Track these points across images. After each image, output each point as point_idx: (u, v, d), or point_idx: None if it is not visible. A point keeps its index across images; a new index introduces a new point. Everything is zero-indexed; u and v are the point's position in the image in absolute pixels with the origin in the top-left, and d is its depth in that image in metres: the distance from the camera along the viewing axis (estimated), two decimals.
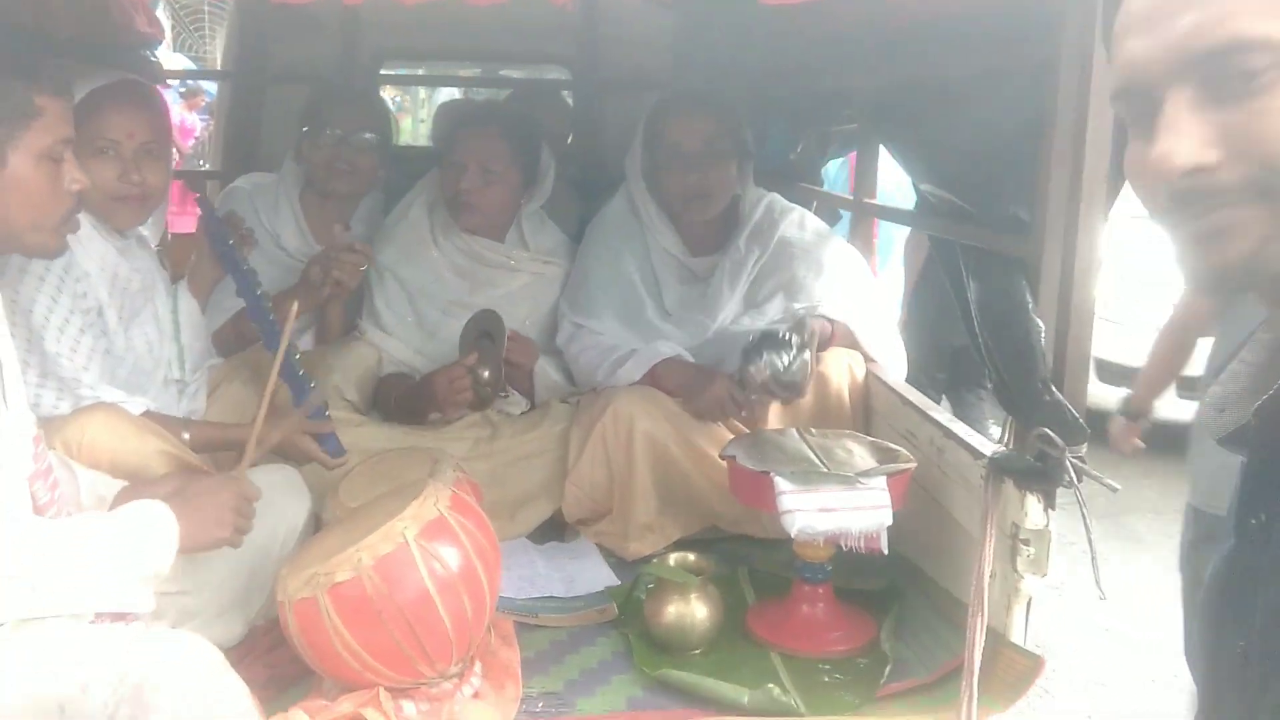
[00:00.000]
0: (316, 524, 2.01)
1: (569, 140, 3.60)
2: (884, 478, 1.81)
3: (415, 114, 9.01)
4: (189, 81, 7.40)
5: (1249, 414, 0.86)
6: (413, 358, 2.56)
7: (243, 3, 3.59)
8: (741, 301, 2.55)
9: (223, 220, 2.37)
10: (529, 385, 2.51)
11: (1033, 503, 1.65)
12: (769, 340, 2.20)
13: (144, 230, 2.24)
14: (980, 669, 1.59)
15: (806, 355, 2.20)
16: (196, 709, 1.39)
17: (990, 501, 1.67)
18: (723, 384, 2.26)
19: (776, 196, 2.61)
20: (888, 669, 1.77)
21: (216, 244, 2.32)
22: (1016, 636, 1.69)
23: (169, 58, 6.74)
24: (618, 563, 2.26)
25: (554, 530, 2.39)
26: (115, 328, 2.09)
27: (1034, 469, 1.64)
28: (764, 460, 1.91)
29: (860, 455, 1.96)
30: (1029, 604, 1.68)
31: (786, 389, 2.19)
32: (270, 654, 1.79)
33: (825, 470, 1.85)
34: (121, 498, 1.66)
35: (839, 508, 1.77)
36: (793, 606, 1.96)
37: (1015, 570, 1.67)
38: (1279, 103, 0.76)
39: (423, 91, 7.72)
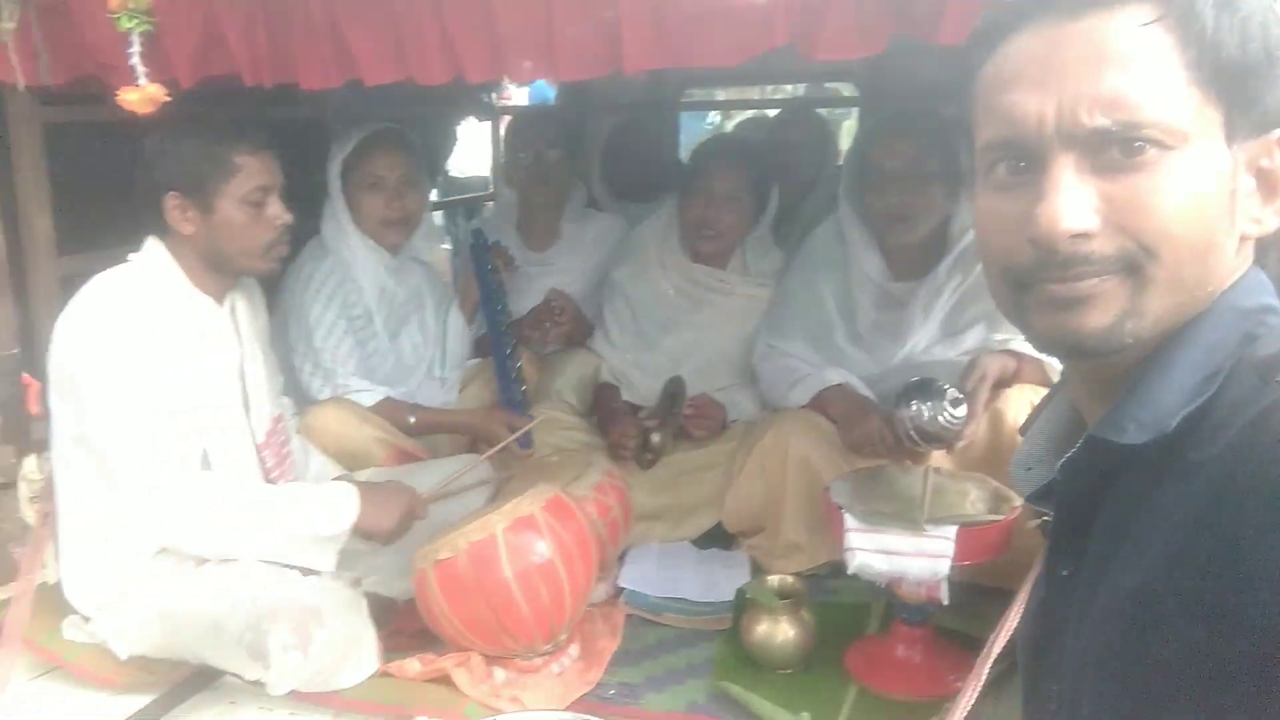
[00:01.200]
0: None
1: (836, 159, 3.63)
2: (955, 528, 1.76)
3: None
4: None
5: (1053, 471, 0.89)
6: (629, 369, 2.84)
7: None
8: (938, 329, 2.49)
9: (488, 247, 2.83)
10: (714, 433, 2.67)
11: None
12: (924, 389, 2.18)
13: (417, 252, 2.77)
14: None
15: (960, 411, 2.14)
16: (337, 641, 1.83)
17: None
18: (875, 422, 2.27)
19: None
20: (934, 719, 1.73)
21: (479, 269, 2.80)
22: None
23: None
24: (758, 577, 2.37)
25: (724, 539, 2.55)
26: (381, 330, 2.64)
27: None
28: (862, 496, 1.93)
29: (971, 500, 1.90)
30: None
31: (929, 440, 2.16)
32: None
33: (916, 512, 1.82)
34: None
35: (901, 551, 1.76)
36: (888, 645, 1.96)
37: None
38: (1160, 181, 0.79)
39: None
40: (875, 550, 1.78)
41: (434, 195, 4.05)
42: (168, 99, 1.94)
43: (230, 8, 1.93)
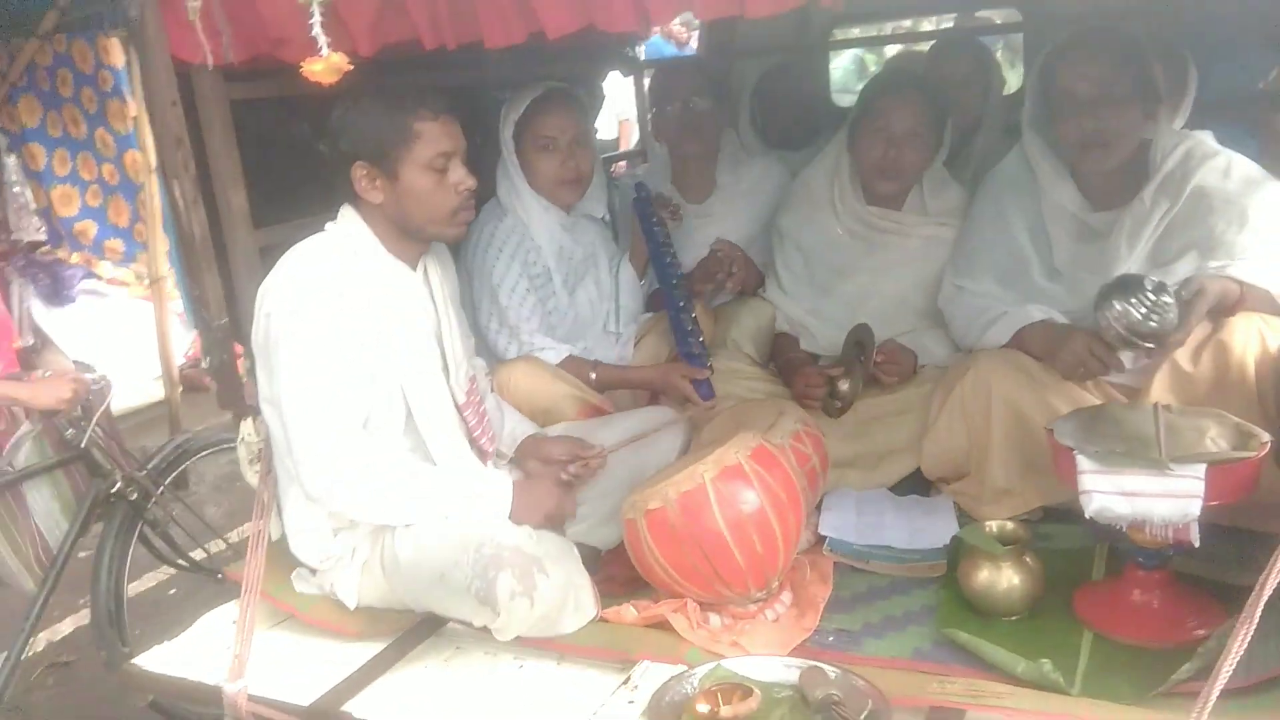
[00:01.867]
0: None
1: (1002, 88, 3.44)
2: (1203, 466, 1.65)
3: None
4: None
5: None
6: (804, 316, 2.77)
7: None
8: (1146, 260, 2.32)
9: (653, 200, 2.80)
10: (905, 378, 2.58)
11: None
12: (1123, 285, 2.04)
13: (590, 209, 2.76)
14: None
15: (1170, 300, 1.99)
16: (559, 588, 1.85)
17: None
18: (1081, 340, 2.14)
19: (1201, 140, 2.31)
20: (1187, 665, 1.63)
21: (643, 223, 2.77)
22: None
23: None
24: (972, 522, 2.28)
25: (920, 485, 2.47)
26: (560, 289, 2.65)
27: None
28: (1090, 436, 1.82)
29: (1213, 438, 1.77)
30: None
31: (1143, 339, 2.01)
32: None
33: (1152, 451, 1.71)
34: (524, 446, 2.24)
35: (1143, 492, 1.66)
36: (1122, 590, 1.86)
37: None
38: None
39: None
40: (1115, 492, 1.68)
41: None
42: (350, 67, 1.96)
43: None
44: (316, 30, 1.93)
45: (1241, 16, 2.77)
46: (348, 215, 2.00)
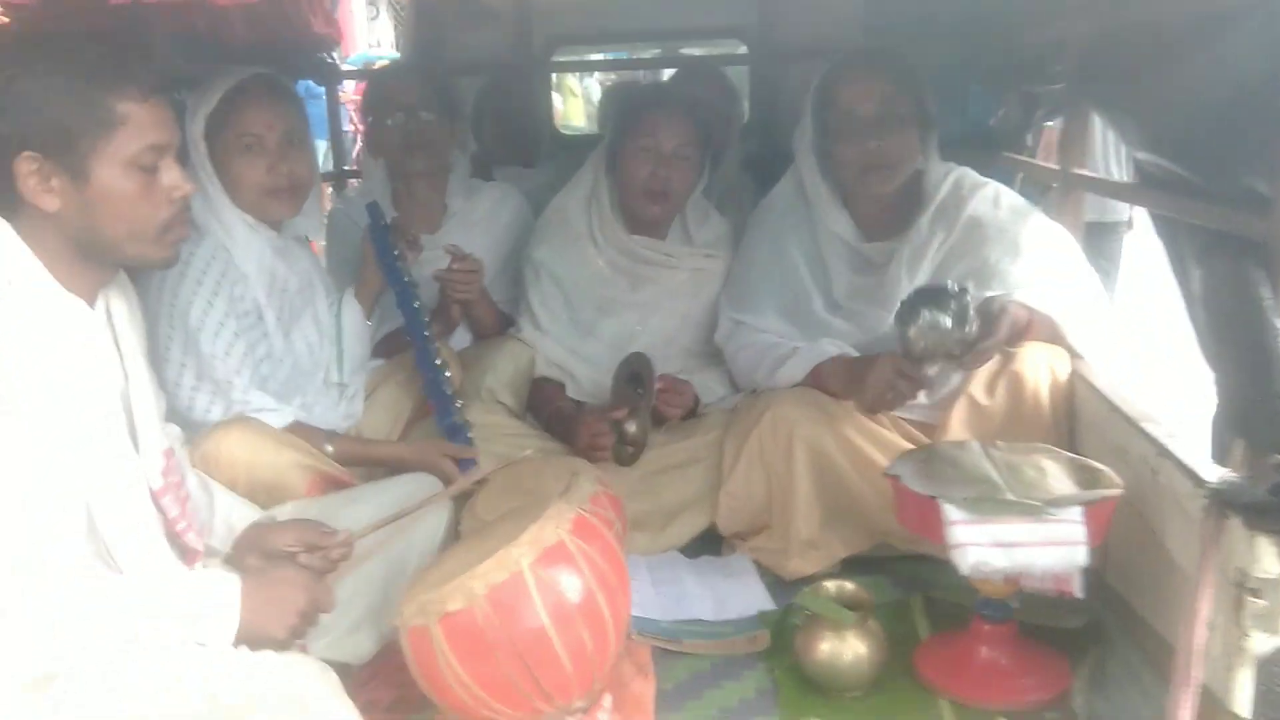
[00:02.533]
0: (455, 535, 1.95)
1: (741, 119, 3.39)
2: (1080, 508, 1.52)
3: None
4: None
5: None
6: (566, 358, 2.46)
7: (420, 1, 3.61)
8: None
9: (388, 227, 2.34)
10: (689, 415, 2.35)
11: (1265, 546, 1.32)
12: (927, 295, 1.95)
13: (302, 229, 2.25)
14: None
15: (970, 305, 1.92)
16: None
17: (1209, 540, 1.35)
18: (886, 363, 2.01)
19: (966, 171, 2.30)
20: None
21: (381, 254, 2.30)
22: (1239, 706, 1.37)
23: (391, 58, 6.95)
24: (775, 581, 2.08)
25: (709, 544, 2.22)
26: (274, 329, 2.11)
27: (1269, 505, 1.32)
28: (934, 481, 1.66)
29: (1055, 476, 1.66)
30: (1257, 667, 1.36)
31: (955, 348, 1.92)
32: (400, 673, 1.71)
33: (1007, 497, 1.57)
34: (244, 539, 1.66)
35: (1022, 542, 1.51)
36: (970, 647, 1.71)
37: (1240, 625, 1.36)
38: None
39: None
40: (991, 544, 1.51)
41: None
42: (4, 20, 1.38)
43: None
44: None
45: (967, 58, 2.86)
46: None
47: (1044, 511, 1.52)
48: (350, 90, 4.82)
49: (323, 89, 3.63)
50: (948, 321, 1.90)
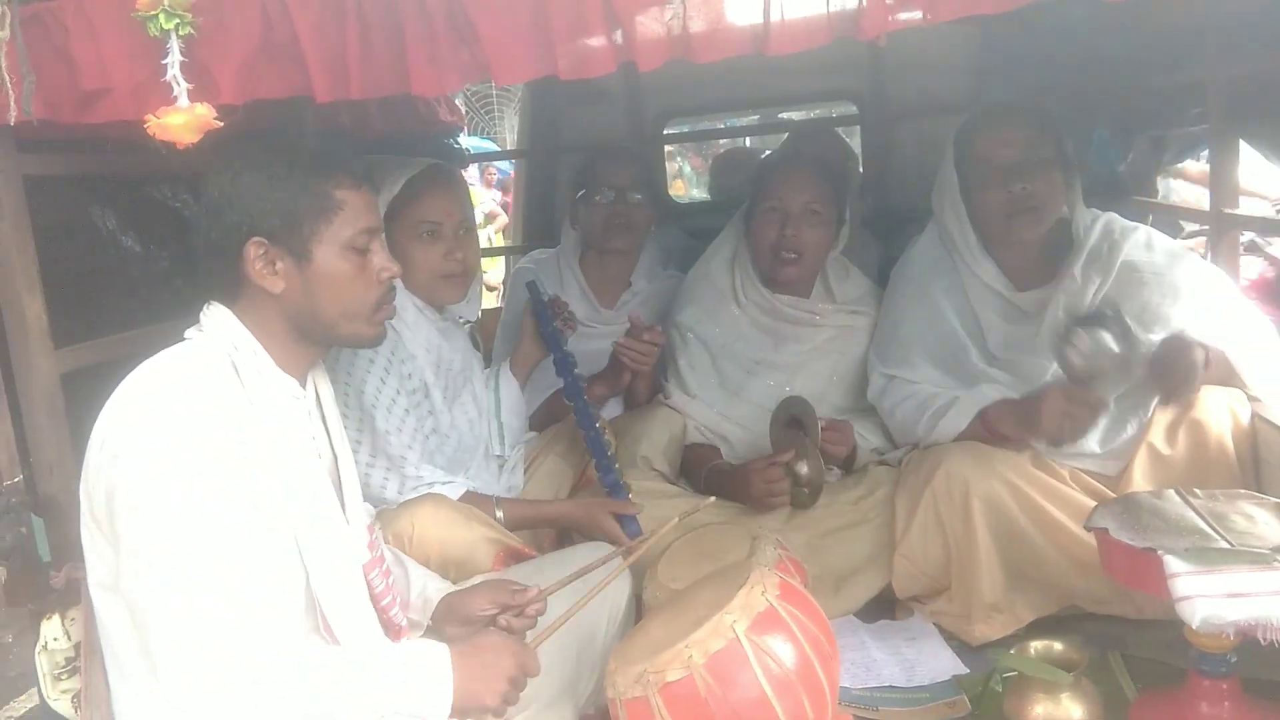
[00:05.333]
0: (637, 604, 1.95)
1: (858, 178, 3.41)
2: None
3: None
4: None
5: None
6: (718, 422, 2.47)
7: (533, 85, 3.74)
8: None
9: (548, 303, 2.40)
10: (849, 461, 2.34)
11: None
12: (1086, 320, 1.92)
13: (461, 312, 2.31)
14: None
15: (1131, 324, 1.91)
16: None
17: None
18: (1055, 392, 1.97)
19: (1114, 216, 2.26)
20: None
21: (543, 325, 2.36)
22: None
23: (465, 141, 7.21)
24: (960, 647, 2.02)
25: (884, 608, 2.18)
26: (441, 407, 2.17)
27: None
28: (1145, 532, 1.61)
29: (1266, 522, 1.61)
30: None
31: (1123, 366, 1.89)
32: None
33: (1230, 545, 1.52)
34: (440, 610, 1.69)
35: (1254, 592, 1.45)
36: (1188, 704, 1.64)
37: None
38: None
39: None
40: (1222, 595, 1.45)
41: None
42: (219, 124, 1.47)
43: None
44: (175, 72, 1.45)
45: (1089, 103, 2.85)
46: (220, 316, 1.46)
47: (1273, 559, 1.47)
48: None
49: None
50: (1108, 339, 1.88)
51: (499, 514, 2.08)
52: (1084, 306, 2.19)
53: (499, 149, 7.13)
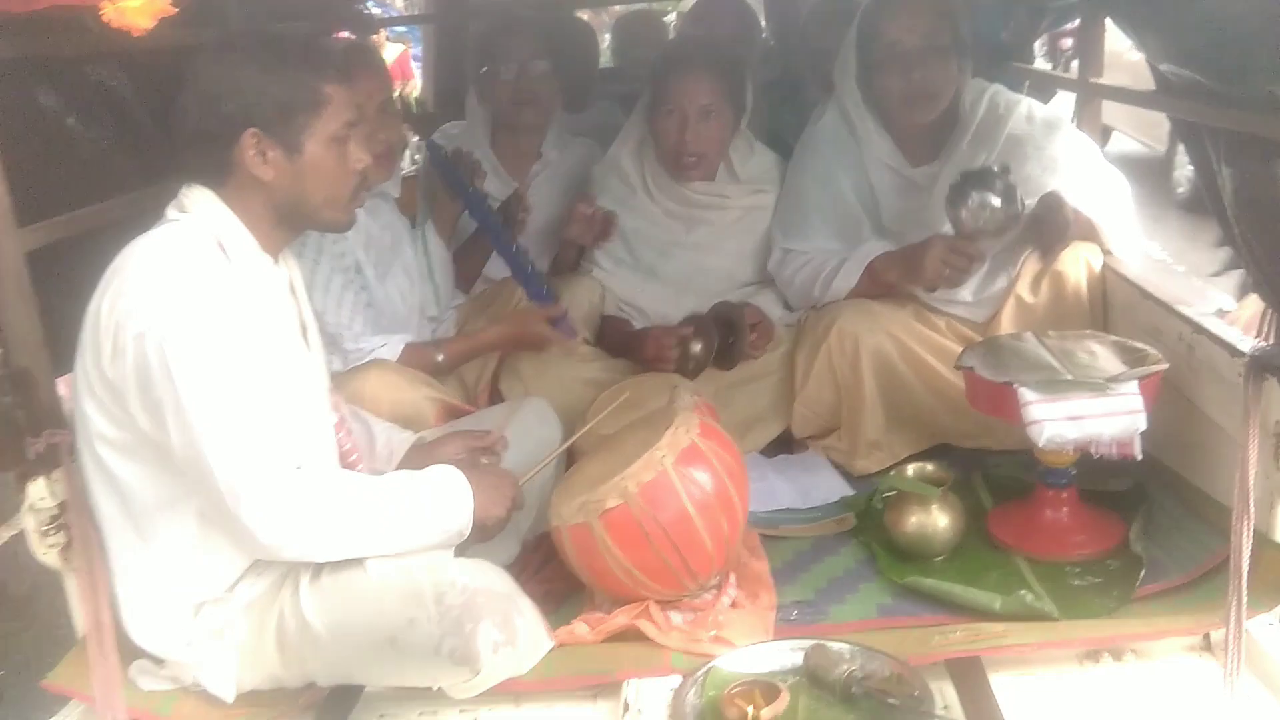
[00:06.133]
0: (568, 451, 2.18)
1: (761, 46, 3.53)
2: (1135, 381, 1.77)
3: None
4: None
5: None
6: (635, 295, 2.65)
7: None
8: None
9: (450, 156, 2.51)
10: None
11: None
12: (974, 178, 2.15)
13: (385, 187, 2.42)
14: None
15: (1014, 183, 2.14)
16: (533, 625, 1.62)
17: (1252, 399, 1.61)
18: (938, 241, 2.21)
19: (999, 88, 2.46)
20: (1142, 571, 1.76)
21: (450, 182, 2.48)
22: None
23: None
24: (847, 476, 2.32)
25: (783, 446, 2.46)
26: (374, 281, 2.31)
27: None
28: (1004, 369, 1.89)
29: (1105, 357, 1.91)
30: None
31: (1009, 223, 2.14)
32: (543, 570, 1.98)
33: (1070, 377, 1.82)
34: (412, 457, 1.88)
35: (1089, 415, 1.75)
36: (1036, 511, 1.96)
37: (1278, 469, 1.62)
38: None
39: None
40: (1063, 418, 1.75)
41: None
42: (173, 10, 1.54)
43: None
44: None
45: None
46: (205, 200, 1.58)
47: (1106, 387, 1.77)
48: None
49: None
50: (996, 200, 2.11)
51: (440, 357, 2.27)
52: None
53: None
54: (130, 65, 2.02)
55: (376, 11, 4.70)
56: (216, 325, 1.47)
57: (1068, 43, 5.91)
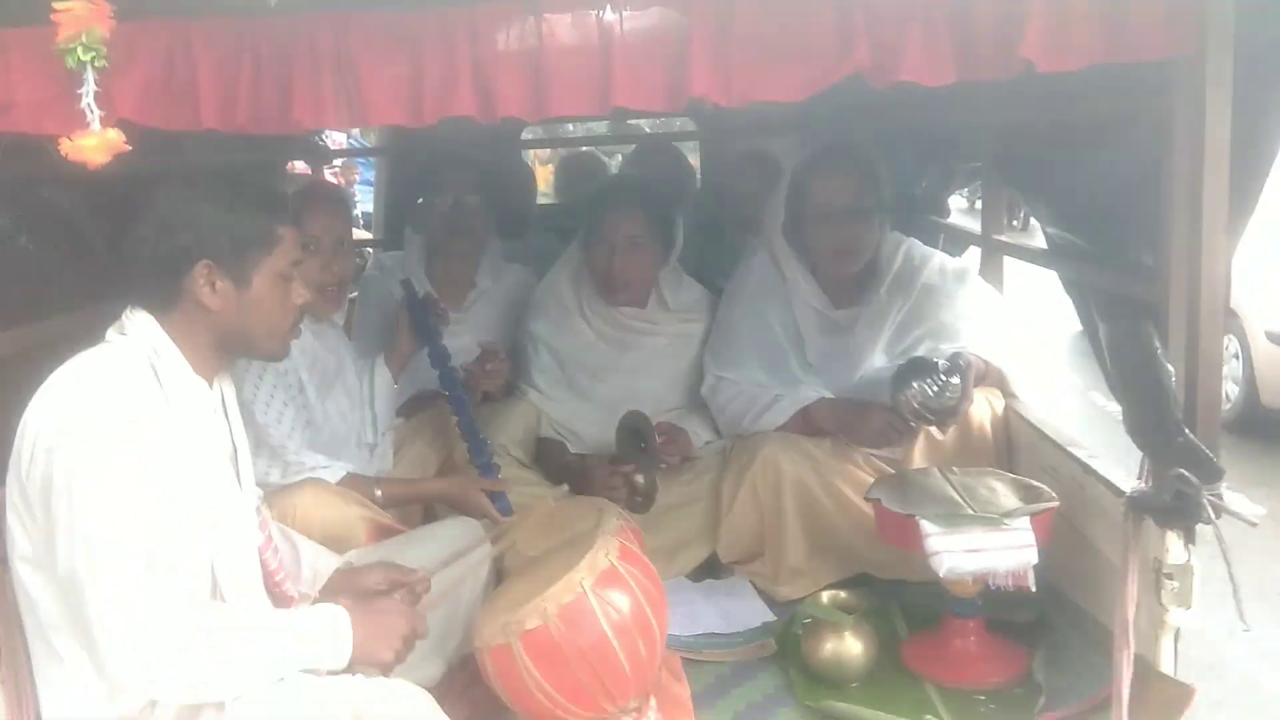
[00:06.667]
0: (497, 571, 2.23)
1: (696, 187, 3.76)
2: (1028, 518, 1.90)
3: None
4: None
5: None
6: (569, 418, 2.75)
7: None
8: (886, 349, 2.63)
9: (422, 301, 2.61)
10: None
11: (1173, 539, 1.70)
12: (918, 367, 2.32)
13: (338, 316, 2.52)
14: (1132, 698, 1.66)
15: (957, 380, 2.29)
16: None
17: (1131, 538, 1.73)
18: (879, 414, 2.38)
19: (914, 242, 2.69)
20: (1041, 700, 1.85)
21: (420, 327, 2.56)
22: (1165, 667, 1.75)
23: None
24: (769, 602, 2.39)
25: (710, 571, 2.54)
26: (315, 401, 2.38)
27: (1172, 507, 1.70)
28: (909, 503, 2.02)
29: (1003, 494, 2.04)
30: (1176, 635, 1.74)
31: (935, 414, 2.29)
32: (468, 691, 1.99)
33: (970, 512, 1.94)
34: (336, 581, 1.92)
35: (985, 548, 1.87)
36: (946, 639, 2.06)
37: (1160, 603, 1.74)
38: None
39: None
40: (961, 550, 1.87)
41: None
42: (128, 147, 1.66)
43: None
44: (89, 100, 1.63)
45: (893, 135, 3.27)
46: (143, 322, 1.65)
47: (1000, 522, 1.89)
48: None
49: None
50: (932, 391, 2.28)
51: (378, 493, 2.32)
52: (887, 324, 2.61)
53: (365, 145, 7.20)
54: (83, 188, 2.11)
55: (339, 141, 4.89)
56: (123, 450, 1.51)
57: None
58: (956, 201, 4.19)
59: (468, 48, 1.67)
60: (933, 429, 2.39)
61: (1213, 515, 1.64)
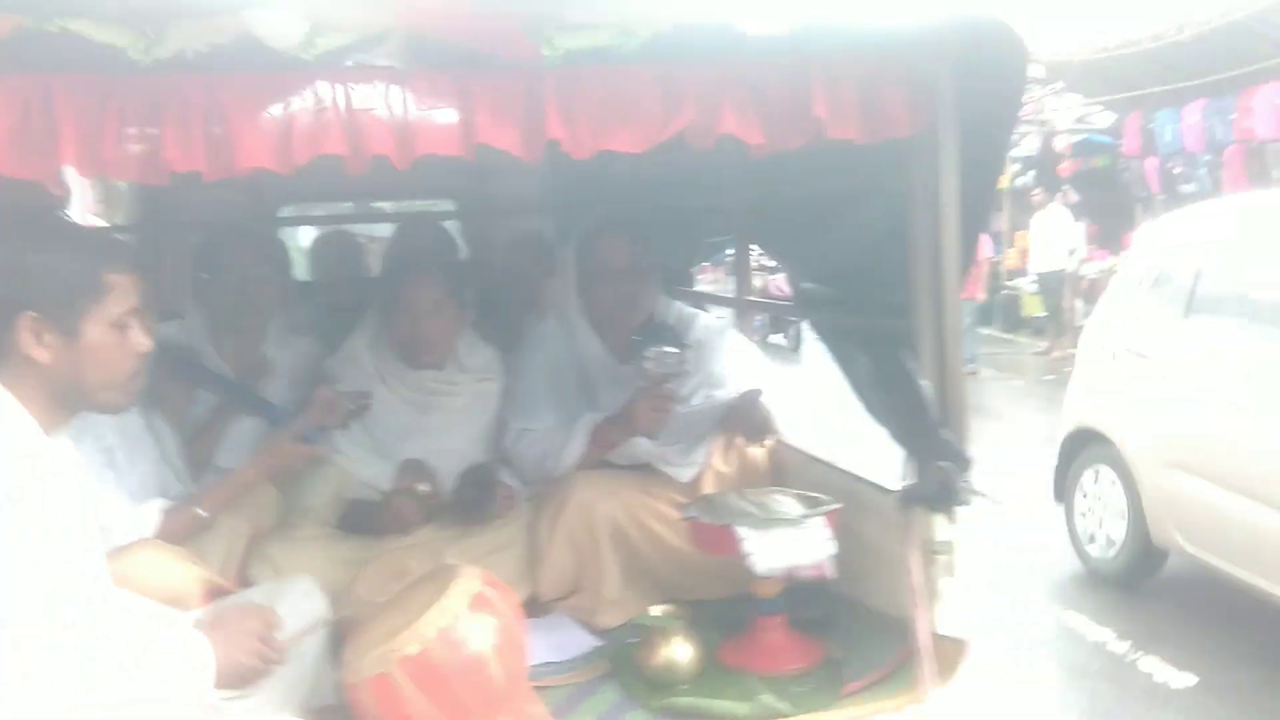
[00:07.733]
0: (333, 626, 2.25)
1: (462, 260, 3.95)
2: (822, 517, 2.26)
3: None
4: None
5: None
6: (377, 479, 2.81)
7: None
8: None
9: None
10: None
11: (940, 520, 2.12)
12: (650, 334, 2.67)
13: None
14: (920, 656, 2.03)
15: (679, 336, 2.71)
16: None
17: (909, 524, 2.13)
18: (639, 395, 2.65)
19: (682, 304, 3.08)
20: (844, 673, 2.18)
21: (207, 381, 2.64)
22: (940, 627, 2.15)
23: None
24: (590, 631, 2.58)
25: (529, 609, 2.67)
26: (124, 465, 2.31)
27: (937, 494, 2.12)
28: (721, 516, 2.31)
29: (790, 504, 2.39)
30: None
31: (681, 364, 2.64)
32: None
33: (774, 518, 2.26)
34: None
35: (792, 545, 2.19)
36: (756, 636, 2.35)
37: (933, 574, 2.14)
38: None
39: None
40: (773, 549, 2.18)
41: None
42: None
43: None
44: None
45: (653, 209, 3.65)
46: None
47: (800, 522, 2.23)
48: None
49: None
50: (668, 347, 2.61)
51: (200, 511, 2.30)
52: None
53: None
54: None
55: None
56: None
57: None
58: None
59: (340, 95, 1.81)
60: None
61: (967, 498, 2.07)
